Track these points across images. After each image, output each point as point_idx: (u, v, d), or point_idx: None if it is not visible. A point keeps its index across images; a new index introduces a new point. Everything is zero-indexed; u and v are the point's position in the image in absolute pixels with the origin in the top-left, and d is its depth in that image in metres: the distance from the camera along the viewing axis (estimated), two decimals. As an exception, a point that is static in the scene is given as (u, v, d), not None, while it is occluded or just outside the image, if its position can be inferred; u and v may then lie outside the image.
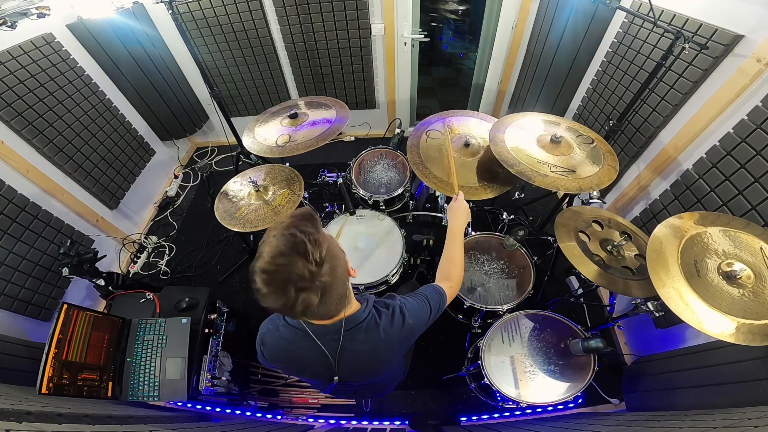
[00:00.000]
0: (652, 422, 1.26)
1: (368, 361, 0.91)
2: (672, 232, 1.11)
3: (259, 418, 1.72)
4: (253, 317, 2.16)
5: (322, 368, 0.87)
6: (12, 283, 1.73)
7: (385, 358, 0.93)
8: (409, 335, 0.91)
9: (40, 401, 1.17)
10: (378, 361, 0.93)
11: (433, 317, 0.95)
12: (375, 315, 0.86)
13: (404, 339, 0.90)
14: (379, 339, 0.85)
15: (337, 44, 2.67)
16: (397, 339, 0.88)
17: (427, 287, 1.00)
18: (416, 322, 0.90)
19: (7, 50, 1.83)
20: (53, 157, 2.03)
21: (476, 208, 2.35)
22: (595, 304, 2.08)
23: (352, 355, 0.85)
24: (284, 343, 0.87)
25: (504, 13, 2.53)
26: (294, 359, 0.90)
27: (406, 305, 0.91)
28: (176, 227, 2.80)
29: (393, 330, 0.86)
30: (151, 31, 2.55)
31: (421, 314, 0.92)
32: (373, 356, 0.89)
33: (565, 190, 1.41)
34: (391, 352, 0.92)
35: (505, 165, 1.44)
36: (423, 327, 0.93)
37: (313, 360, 0.86)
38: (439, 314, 0.97)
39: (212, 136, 3.45)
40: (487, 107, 3.17)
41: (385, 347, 0.88)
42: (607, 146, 1.56)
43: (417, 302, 0.93)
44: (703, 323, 0.92)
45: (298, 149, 1.73)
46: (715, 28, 1.37)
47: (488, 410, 1.69)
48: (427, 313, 0.93)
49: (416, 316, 0.90)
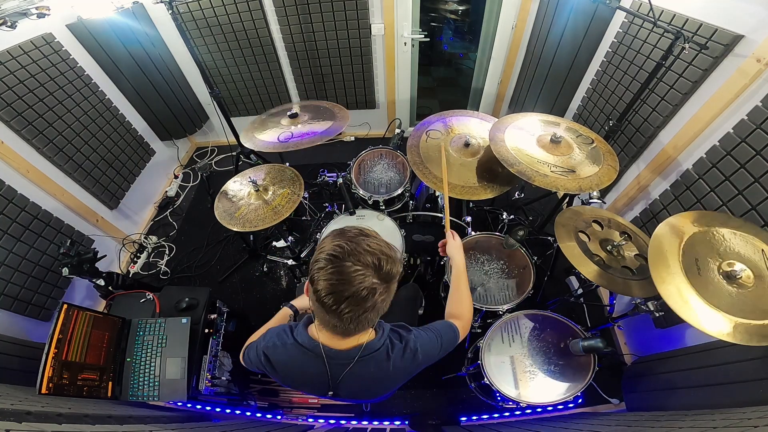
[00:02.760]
0: (652, 422, 1.25)
1: (370, 387, 0.91)
2: (673, 231, 1.11)
3: (259, 418, 1.72)
4: (253, 317, 2.16)
5: (318, 385, 0.87)
6: (12, 283, 1.73)
7: (387, 386, 0.94)
8: (416, 368, 0.90)
9: (40, 401, 1.17)
10: (380, 388, 0.93)
11: (441, 355, 0.95)
12: (389, 346, 0.85)
13: (410, 372, 0.90)
14: (387, 370, 0.84)
15: (337, 44, 2.67)
16: (403, 372, 0.88)
17: (442, 324, 0.99)
18: (426, 358, 0.89)
19: (7, 50, 1.83)
20: (53, 157, 2.03)
21: (476, 208, 2.35)
22: (595, 304, 2.08)
23: (355, 380, 0.85)
24: (289, 361, 0.86)
25: (504, 13, 2.53)
26: (295, 376, 0.90)
27: (420, 340, 0.90)
28: (176, 227, 2.80)
29: (402, 364, 0.86)
30: (151, 31, 2.55)
31: (433, 351, 0.92)
32: (377, 384, 0.90)
33: (564, 190, 1.41)
34: (394, 382, 0.92)
35: (505, 164, 1.44)
36: (429, 362, 0.92)
37: (314, 379, 0.86)
38: (446, 353, 0.96)
39: (212, 136, 3.45)
40: (487, 107, 3.17)
41: (391, 378, 0.88)
42: (607, 146, 1.57)
43: (430, 338, 0.93)
44: (702, 322, 0.92)
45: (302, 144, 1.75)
46: (715, 28, 1.37)
47: (488, 410, 1.69)
48: (437, 350, 0.93)
49: (427, 352, 0.90)
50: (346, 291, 0.66)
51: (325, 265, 0.67)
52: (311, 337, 0.83)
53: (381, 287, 0.69)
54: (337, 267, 0.67)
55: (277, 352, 0.87)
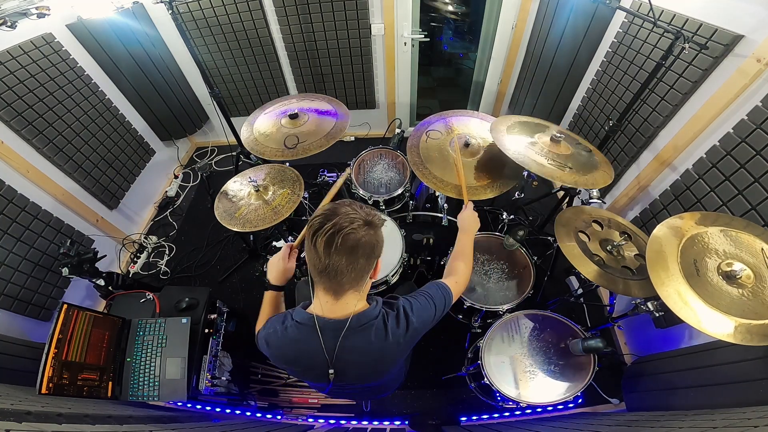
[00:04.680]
0: (652, 422, 1.25)
1: (372, 362, 0.91)
2: (672, 231, 1.11)
3: (259, 418, 1.72)
4: (253, 317, 2.16)
5: (318, 365, 0.87)
6: (12, 283, 1.73)
7: (389, 359, 0.93)
8: (414, 335, 0.90)
9: (40, 401, 1.17)
10: (382, 362, 0.93)
11: (438, 317, 0.95)
12: (384, 315, 0.87)
13: (409, 340, 0.90)
14: (386, 339, 0.85)
15: (337, 44, 2.67)
16: (402, 340, 0.88)
17: (431, 285, 1.00)
18: (420, 323, 0.90)
19: (7, 50, 1.83)
20: (53, 157, 2.03)
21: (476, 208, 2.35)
22: (595, 304, 2.08)
23: (355, 353, 0.85)
24: (290, 343, 0.88)
25: (504, 13, 2.53)
26: (299, 359, 0.90)
27: (411, 306, 0.91)
28: (176, 227, 2.80)
29: (399, 331, 0.86)
30: (151, 31, 2.55)
31: (426, 314, 0.92)
32: (379, 357, 0.89)
33: (560, 182, 1.42)
34: (395, 353, 0.92)
35: (504, 150, 1.45)
36: (427, 327, 0.93)
37: (313, 358, 0.86)
38: (444, 313, 0.96)
39: (212, 136, 3.45)
40: (487, 107, 3.17)
41: (391, 348, 0.88)
42: (603, 158, 1.58)
43: (421, 302, 0.93)
44: (702, 322, 0.92)
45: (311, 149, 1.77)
46: (715, 28, 1.37)
47: (488, 410, 1.69)
48: (431, 313, 0.93)
49: (420, 317, 0.90)
50: (337, 226, 0.74)
51: (321, 213, 0.77)
52: (307, 313, 0.86)
53: (366, 227, 0.77)
54: (332, 209, 0.77)
55: (278, 336, 0.89)
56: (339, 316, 0.83)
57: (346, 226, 0.73)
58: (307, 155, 1.76)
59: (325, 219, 0.75)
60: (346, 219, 0.74)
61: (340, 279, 0.78)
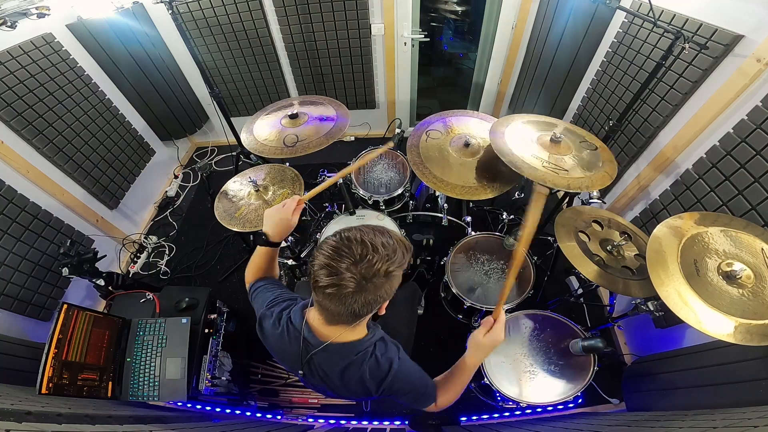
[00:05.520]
0: (652, 422, 1.25)
1: (335, 385, 0.90)
2: (672, 231, 1.11)
3: (259, 418, 1.72)
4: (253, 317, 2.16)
5: (294, 362, 0.89)
6: (12, 283, 1.73)
7: (351, 391, 0.90)
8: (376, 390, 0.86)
9: (40, 401, 1.17)
10: (343, 389, 0.91)
11: (409, 400, 0.91)
12: (369, 352, 0.84)
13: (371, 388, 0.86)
14: (355, 373, 0.84)
15: (337, 44, 2.67)
16: (368, 383, 0.85)
17: (432, 384, 0.94)
18: (393, 386, 0.86)
19: (7, 50, 1.82)
20: (53, 157, 2.03)
21: (476, 208, 2.35)
22: (595, 304, 2.08)
23: (323, 373, 0.88)
24: (278, 336, 0.90)
25: (504, 13, 2.53)
26: (280, 349, 0.93)
27: (400, 369, 0.86)
28: (176, 227, 2.80)
29: (370, 374, 0.84)
30: (151, 31, 2.55)
31: (406, 386, 0.88)
32: (339, 385, 0.89)
33: (552, 186, 1.41)
34: (357, 389, 0.88)
35: (499, 154, 1.45)
36: (396, 395, 0.89)
37: (293, 356, 0.89)
38: (410, 405, 0.93)
39: (212, 136, 3.45)
40: (487, 107, 3.17)
41: (355, 384, 0.86)
42: (610, 155, 1.55)
43: (412, 375, 0.89)
44: (702, 322, 0.92)
45: (310, 147, 1.75)
46: (715, 28, 1.37)
47: (488, 410, 1.69)
48: (410, 390, 0.89)
49: (400, 384, 0.87)
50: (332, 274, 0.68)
51: (328, 243, 0.72)
52: (303, 318, 0.86)
53: (391, 273, 0.71)
54: (369, 243, 0.70)
55: (271, 323, 0.91)
56: (321, 336, 0.82)
57: (353, 290, 0.68)
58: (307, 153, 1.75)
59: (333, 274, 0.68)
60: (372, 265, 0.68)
61: (338, 321, 0.77)
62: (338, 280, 0.67)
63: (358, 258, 0.68)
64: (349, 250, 0.69)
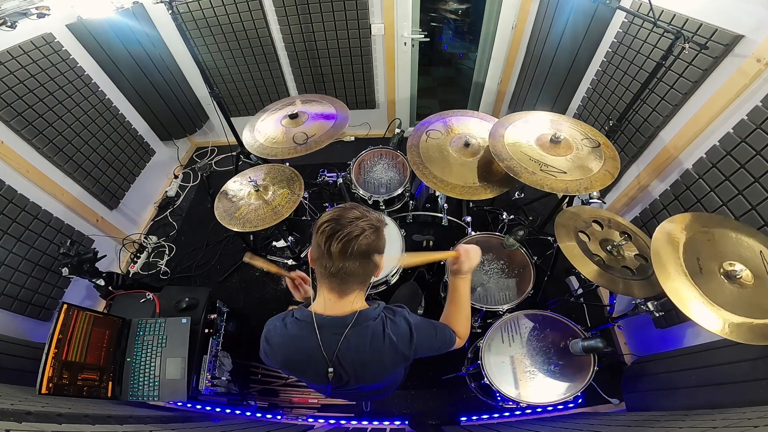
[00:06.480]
0: (652, 422, 1.25)
1: (368, 362, 0.90)
2: (675, 230, 1.11)
3: (259, 418, 1.72)
4: (253, 317, 2.17)
5: (318, 362, 0.87)
6: (12, 283, 1.73)
7: (386, 362, 0.92)
8: (411, 351, 0.90)
9: (40, 401, 1.17)
10: (378, 364, 0.92)
11: (438, 347, 0.96)
12: (383, 317, 0.88)
13: (405, 349, 0.89)
14: (383, 342, 0.86)
15: (337, 44, 2.67)
16: (400, 346, 0.88)
17: (442, 323, 1.02)
18: (420, 341, 0.90)
19: (7, 50, 1.83)
20: (53, 157, 2.03)
21: (476, 208, 2.35)
22: (595, 304, 2.08)
23: (353, 352, 0.85)
24: (290, 339, 0.88)
25: (504, 13, 2.53)
26: (299, 356, 0.89)
27: (414, 319, 0.92)
28: (176, 227, 2.80)
29: (397, 336, 0.87)
30: (151, 31, 2.55)
31: (427, 334, 0.93)
32: (375, 358, 0.89)
33: (549, 190, 1.42)
34: (392, 358, 0.90)
35: (497, 158, 1.46)
36: (425, 351, 0.93)
37: (312, 356, 0.86)
38: (440, 352, 0.97)
39: (212, 136, 3.45)
40: (487, 107, 3.17)
41: (387, 351, 0.88)
42: (614, 152, 1.54)
43: (425, 322, 0.95)
44: (704, 320, 0.92)
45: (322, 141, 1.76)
46: (715, 28, 1.37)
47: (488, 410, 1.69)
48: (432, 338, 0.95)
49: (422, 333, 0.91)
50: (350, 234, 0.76)
51: (330, 219, 0.79)
52: (307, 310, 0.87)
53: (374, 232, 0.80)
54: (340, 215, 0.79)
55: (277, 332, 0.90)
56: (341, 313, 0.85)
57: (358, 233, 0.76)
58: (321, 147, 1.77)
59: (336, 225, 0.77)
60: (357, 227, 0.77)
61: (350, 280, 0.82)
62: (347, 229, 0.76)
63: (360, 215, 0.80)
64: (347, 212, 0.80)
